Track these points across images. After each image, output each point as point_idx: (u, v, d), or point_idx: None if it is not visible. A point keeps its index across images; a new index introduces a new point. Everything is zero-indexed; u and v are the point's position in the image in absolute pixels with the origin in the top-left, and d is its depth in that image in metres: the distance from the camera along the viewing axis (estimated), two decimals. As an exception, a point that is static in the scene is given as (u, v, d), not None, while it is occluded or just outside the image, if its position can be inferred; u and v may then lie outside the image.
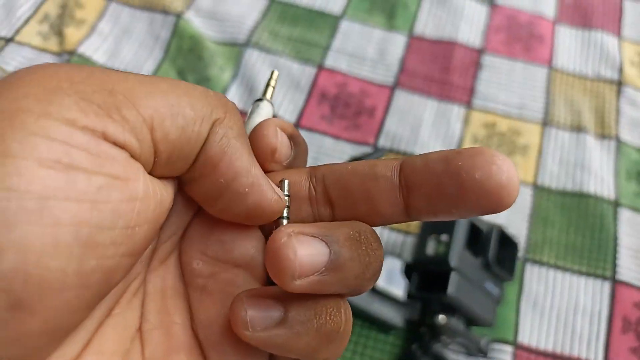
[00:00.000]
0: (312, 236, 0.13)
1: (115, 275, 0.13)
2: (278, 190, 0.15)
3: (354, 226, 0.14)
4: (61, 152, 0.11)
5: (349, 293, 0.14)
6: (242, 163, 0.14)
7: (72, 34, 0.56)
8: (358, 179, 0.15)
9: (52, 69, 0.12)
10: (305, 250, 0.13)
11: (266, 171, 0.16)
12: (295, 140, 0.17)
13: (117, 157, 0.12)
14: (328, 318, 0.14)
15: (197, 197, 0.15)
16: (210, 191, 0.15)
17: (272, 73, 0.20)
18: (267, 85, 0.19)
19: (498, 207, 0.13)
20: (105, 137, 0.12)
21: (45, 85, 0.12)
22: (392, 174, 0.15)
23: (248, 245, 0.15)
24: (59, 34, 0.57)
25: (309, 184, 0.16)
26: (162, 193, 0.14)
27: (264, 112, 0.18)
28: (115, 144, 0.12)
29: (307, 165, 0.17)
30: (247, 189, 0.14)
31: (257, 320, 0.13)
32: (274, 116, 0.18)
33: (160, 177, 0.14)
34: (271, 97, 0.19)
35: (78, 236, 0.11)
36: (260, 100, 0.19)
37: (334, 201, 0.15)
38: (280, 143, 0.16)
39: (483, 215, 0.13)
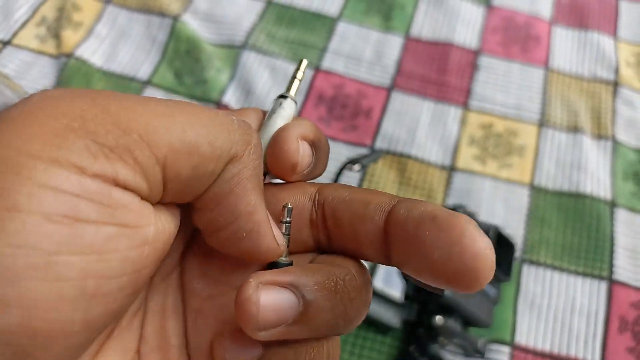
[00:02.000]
0: (281, 286, 0.13)
1: (121, 314, 0.13)
2: (279, 235, 0.15)
3: (332, 273, 0.14)
4: (69, 205, 0.11)
5: (326, 337, 0.14)
6: (245, 207, 0.14)
7: (70, 36, 0.56)
8: (349, 215, 0.15)
9: (64, 105, 0.12)
10: (271, 303, 0.12)
11: (286, 181, 0.16)
12: (316, 146, 0.16)
13: (128, 204, 0.12)
14: (308, 358, 0.14)
15: (197, 224, 0.15)
16: (209, 225, 0.14)
17: (301, 62, 0.17)
18: (293, 77, 0.17)
19: (460, 289, 0.12)
20: (116, 183, 0.12)
21: (54, 126, 0.11)
22: (380, 218, 0.14)
23: (247, 271, 0.15)
24: (57, 36, 0.57)
25: (312, 207, 0.15)
26: (170, 227, 0.14)
27: (286, 112, 0.17)
28: (126, 188, 0.12)
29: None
30: (244, 234, 0.14)
31: (236, 359, 0.13)
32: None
33: (165, 204, 0.14)
34: (296, 92, 0.17)
35: (84, 289, 0.11)
36: (283, 97, 0.17)
37: (330, 230, 0.15)
38: (302, 157, 0.15)
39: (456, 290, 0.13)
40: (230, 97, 0.55)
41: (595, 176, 0.52)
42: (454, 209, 0.41)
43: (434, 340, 0.40)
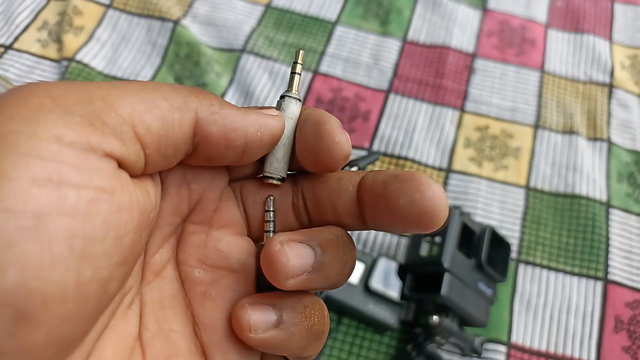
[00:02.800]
0: (299, 242, 0.15)
1: (111, 286, 0.13)
2: (271, 111, 0.16)
3: (332, 231, 0.16)
4: (52, 170, 0.12)
5: (330, 287, 0.16)
6: (238, 119, 0.15)
7: (71, 40, 0.57)
8: (326, 192, 0.17)
9: (32, 88, 0.13)
10: (296, 255, 0.15)
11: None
12: None
13: (104, 169, 0.13)
14: (316, 320, 0.16)
15: (246, 171, 0.17)
16: (242, 158, 0.16)
17: (298, 54, 0.17)
18: (292, 73, 0.17)
19: (424, 229, 0.15)
20: (91, 148, 0.13)
21: (29, 105, 0.12)
22: (352, 188, 0.16)
23: (242, 252, 0.17)
24: (58, 41, 0.58)
25: (293, 193, 0.17)
26: (145, 202, 0.14)
27: (292, 112, 0.17)
28: (101, 152, 0.13)
29: None
30: (258, 133, 0.16)
31: (259, 323, 0.15)
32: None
33: (157, 171, 0.15)
34: (297, 88, 0.17)
35: (73, 249, 0.12)
36: (286, 96, 0.17)
37: (310, 210, 0.17)
38: (349, 144, 0.16)
39: (423, 232, 0.15)
40: (230, 100, 0.55)
41: (591, 177, 0.52)
42: (451, 210, 0.42)
43: (431, 340, 0.41)
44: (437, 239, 0.42)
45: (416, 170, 0.15)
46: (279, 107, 0.17)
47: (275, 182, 0.17)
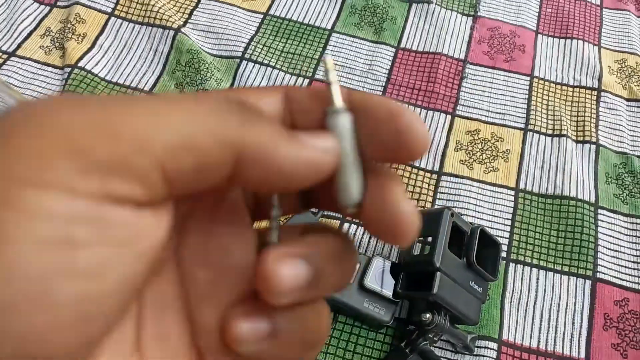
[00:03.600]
0: (295, 258, 0.14)
1: (117, 320, 0.13)
2: (323, 139, 0.14)
3: (333, 242, 0.15)
4: (61, 230, 0.11)
5: (328, 295, 0.16)
6: (287, 159, 0.13)
7: (74, 48, 0.59)
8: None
9: (49, 118, 0.11)
10: (289, 272, 0.14)
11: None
12: None
13: (121, 219, 0.12)
14: (315, 329, 0.15)
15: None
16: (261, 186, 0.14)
17: (325, 61, 0.15)
18: (329, 84, 0.14)
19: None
20: (110, 198, 0.11)
21: (40, 144, 0.11)
22: None
23: (245, 250, 0.15)
24: (61, 48, 0.59)
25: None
26: (162, 234, 0.13)
27: (340, 127, 0.14)
28: (121, 201, 0.12)
29: None
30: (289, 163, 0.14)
31: (249, 335, 0.14)
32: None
33: (185, 194, 0.13)
34: (340, 99, 0.14)
35: (81, 313, 0.11)
36: (332, 111, 0.14)
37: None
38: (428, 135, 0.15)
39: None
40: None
41: (579, 179, 0.54)
42: (442, 210, 0.43)
43: (423, 337, 0.42)
44: (429, 239, 0.43)
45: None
46: (328, 125, 0.14)
47: (351, 210, 0.15)
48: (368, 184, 0.15)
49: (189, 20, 0.63)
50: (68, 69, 0.57)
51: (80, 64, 0.57)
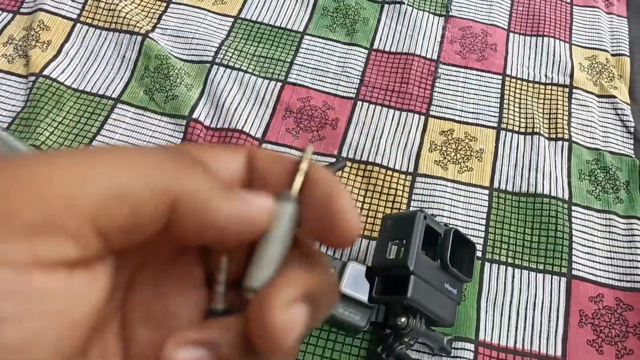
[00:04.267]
0: (197, 345, 0.13)
1: None
2: (262, 199, 0.14)
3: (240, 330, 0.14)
4: None
5: None
6: (221, 213, 0.13)
7: (38, 56, 0.57)
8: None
9: None
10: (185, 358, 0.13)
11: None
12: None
13: (53, 288, 0.11)
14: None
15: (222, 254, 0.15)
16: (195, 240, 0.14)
17: (306, 150, 0.14)
18: (298, 169, 0.14)
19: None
20: (39, 262, 0.11)
21: None
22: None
23: (192, 313, 0.15)
24: (25, 56, 0.58)
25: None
26: (100, 294, 0.13)
27: (284, 216, 0.14)
28: (51, 263, 0.11)
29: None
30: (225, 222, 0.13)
31: None
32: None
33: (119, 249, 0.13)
34: (298, 188, 0.14)
35: None
36: (284, 197, 0.14)
37: None
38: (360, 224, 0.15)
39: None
40: (201, 113, 0.56)
41: (553, 176, 0.54)
42: (415, 213, 0.43)
43: (399, 341, 0.42)
44: (403, 242, 0.43)
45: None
46: (281, 214, 0.14)
47: (249, 295, 0.14)
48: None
49: (158, 25, 0.62)
50: (32, 78, 0.56)
51: (45, 72, 0.56)
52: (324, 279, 0.14)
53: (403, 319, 0.41)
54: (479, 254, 0.49)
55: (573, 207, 0.52)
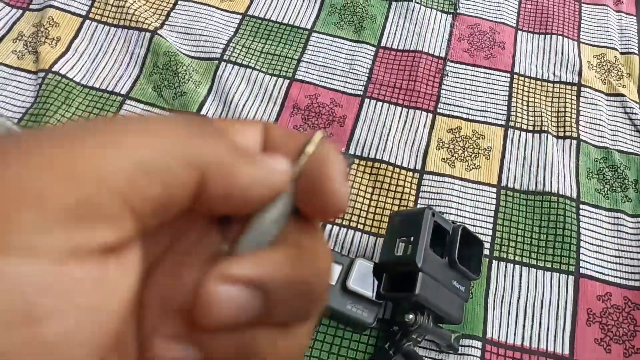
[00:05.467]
0: (242, 284, 0.12)
1: None
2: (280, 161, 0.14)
3: (298, 258, 0.13)
4: (20, 304, 0.09)
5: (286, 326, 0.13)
6: (246, 179, 0.13)
7: (48, 52, 0.58)
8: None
9: (2, 168, 0.10)
10: (231, 301, 0.12)
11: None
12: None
13: (89, 277, 0.10)
14: (263, 355, 0.13)
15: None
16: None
17: (315, 135, 0.14)
18: (303, 151, 0.14)
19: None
20: (76, 250, 0.10)
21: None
22: None
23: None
24: (34, 52, 0.58)
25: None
26: (132, 280, 0.12)
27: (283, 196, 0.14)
28: (88, 250, 0.10)
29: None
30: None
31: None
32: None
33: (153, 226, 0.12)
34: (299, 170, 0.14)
35: None
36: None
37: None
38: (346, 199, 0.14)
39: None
40: (209, 109, 0.56)
41: (561, 175, 0.54)
42: (423, 210, 0.43)
43: (407, 338, 0.42)
44: (411, 239, 0.43)
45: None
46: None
47: (224, 252, 0.13)
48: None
49: (166, 22, 0.62)
50: (42, 74, 0.56)
51: (55, 69, 0.56)
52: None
53: (411, 316, 0.41)
54: (486, 252, 0.49)
55: (581, 206, 0.52)
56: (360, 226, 0.49)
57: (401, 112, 0.57)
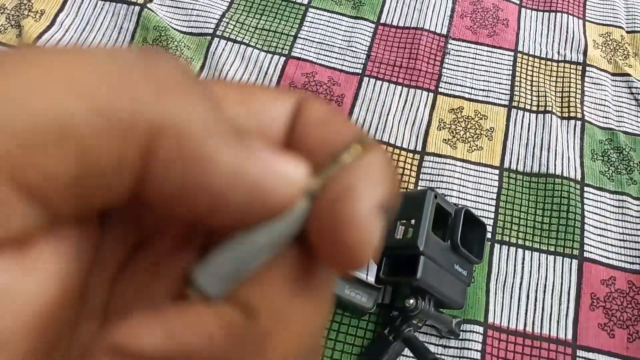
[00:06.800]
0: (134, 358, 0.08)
1: None
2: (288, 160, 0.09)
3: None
4: None
5: None
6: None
7: (32, 26, 0.55)
8: None
9: None
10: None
11: None
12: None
13: None
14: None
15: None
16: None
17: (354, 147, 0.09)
18: (335, 161, 0.09)
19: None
20: None
21: None
22: None
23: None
24: (17, 26, 0.55)
25: None
26: (51, 287, 0.09)
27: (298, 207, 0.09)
28: None
29: None
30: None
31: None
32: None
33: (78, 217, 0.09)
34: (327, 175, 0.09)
35: None
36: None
37: None
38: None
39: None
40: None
41: (565, 156, 0.52)
42: (425, 192, 0.41)
43: (407, 323, 0.40)
44: (412, 222, 0.41)
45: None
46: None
47: (194, 296, 0.09)
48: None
49: (156, -4, 0.59)
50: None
51: (39, 44, 0.54)
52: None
53: (412, 301, 0.39)
54: (488, 235, 0.47)
55: (585, 188, 0.51)
56: (358, 209, 0.48)
57: (401, 92, 0.55)
